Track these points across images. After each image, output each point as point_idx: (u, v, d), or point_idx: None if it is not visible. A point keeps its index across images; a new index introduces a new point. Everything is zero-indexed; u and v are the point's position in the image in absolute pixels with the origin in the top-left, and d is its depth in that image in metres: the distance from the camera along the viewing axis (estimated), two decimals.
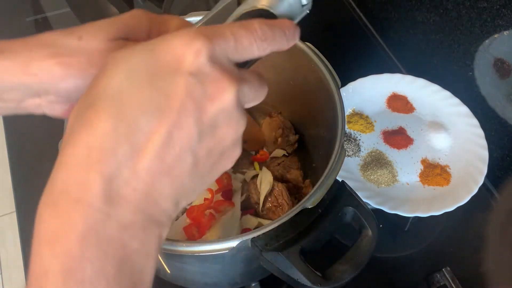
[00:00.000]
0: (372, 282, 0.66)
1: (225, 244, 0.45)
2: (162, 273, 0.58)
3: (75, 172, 0.22)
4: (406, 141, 0.74)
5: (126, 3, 0.95)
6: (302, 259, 0.46)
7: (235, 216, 0.65)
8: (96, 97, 0.23)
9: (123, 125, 0.22)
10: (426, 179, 0.70)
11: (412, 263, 0.68)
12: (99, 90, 0.23)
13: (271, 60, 0.67)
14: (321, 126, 0.64)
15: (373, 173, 0.70)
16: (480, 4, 0.70)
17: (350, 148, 0.74)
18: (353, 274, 0.48)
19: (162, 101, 0.23)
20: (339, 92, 0.57)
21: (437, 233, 0.71)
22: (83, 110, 0.23)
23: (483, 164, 0.69)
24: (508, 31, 0.68)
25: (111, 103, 0.22)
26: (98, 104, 0.23)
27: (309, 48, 0.61)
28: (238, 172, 0.71)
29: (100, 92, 0.23)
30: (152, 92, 0.23)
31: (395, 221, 0.70)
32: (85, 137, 0.22)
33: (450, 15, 0.77)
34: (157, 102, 0.23)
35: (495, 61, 0.72)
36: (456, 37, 0.78)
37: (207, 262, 0.52)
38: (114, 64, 0.23)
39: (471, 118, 0.75)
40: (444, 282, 0.64)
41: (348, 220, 0.51)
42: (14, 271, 1.50)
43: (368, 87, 0.79)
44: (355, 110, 0.78)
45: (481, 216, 0.72)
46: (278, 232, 0.47)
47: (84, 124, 0.23)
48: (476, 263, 0.55)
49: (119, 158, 0.22)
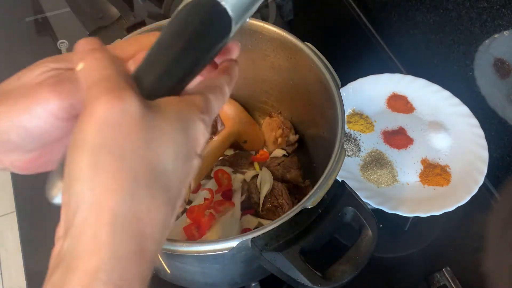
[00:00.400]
0: (372, 282, 0.66)
1: (225, 244, 0.45)
2: (162, 273, 0.58)
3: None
4: (406, 141, 0.74)
5: (126, 3, 0.95)
6: (302, 259, 0.46)
7: (235, 216, 0.65)
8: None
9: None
10: (426, 179, 0.70)
11: (412, 263, 0.68)
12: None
13: (271, 60, 0.68)
14: (321, 126, 0.64)
15: (373, 173, 0.70)
16: (480, 4, 0.70)
17: (350, 148, 0.74)
18: (353, 274, 0.48)
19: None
20: (339, 92, 0.57)
21: (437, 233, 0.71)
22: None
23: (483, 164, 0.69)
24: (508, 31, 0.68)
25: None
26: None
27: (309, 48, 0.61)
28: (238, 172, 0.71)
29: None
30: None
31: (395, 221, 0.70)
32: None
33: (450, 15, 0.77)
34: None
35: (495, 61, 0.72)
36: (456, 37, 0.78)
37: (207, 262, 0.52)
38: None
39: (471, 118, 0.75)
40: (444, 282, 0.64)
41: (348, 220, 0.51)
42: (14, 271, 1.50)
43: (368, 87, 0.79)
44: (355, 110, 0.78)
45: (481, 216, 0.72)
46: (278, 232, 0.47)
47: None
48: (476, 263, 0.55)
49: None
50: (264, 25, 0.64)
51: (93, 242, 0.22)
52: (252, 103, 0.77)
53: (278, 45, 0.65)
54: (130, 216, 0.23)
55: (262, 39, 0.65)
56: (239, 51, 0.33)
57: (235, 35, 0.30)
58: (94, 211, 0.22)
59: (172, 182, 0.25)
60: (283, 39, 0.63)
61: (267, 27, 0.64)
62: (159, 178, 0.24)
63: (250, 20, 0.65)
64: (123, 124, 0.23)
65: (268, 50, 0.66)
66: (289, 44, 0.63)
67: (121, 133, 0.23)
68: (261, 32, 0.65)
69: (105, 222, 0.22)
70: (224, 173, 0.70)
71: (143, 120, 0.24)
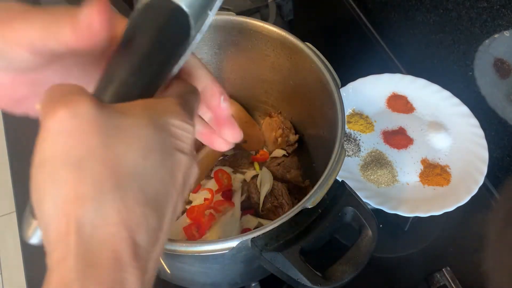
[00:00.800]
0: (372, 282, 0.66)
1: (225, 244, 0.45)
2: (162, 273, 0.58)
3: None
4: (406, 141, 0.74)
5: (126, 3, 0.95)
6: (302, 259, 0.46)
7: (235, 216, 0.65)
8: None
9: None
10: (426, 179, 0.70)
11: (412, 263, 0.68)
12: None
13: (271, 60, 0.68)
14: (321, 126, 0.64)
15: (373, 173, 0.70)
16: (480, 4, 0.70)
17: (350, 148, 0.74)
18: (353, 274, 0.48)
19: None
20: (339, 92, 0.57)
21: (437, 233, 0.71)
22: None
23: (483, 164, 0.69)
24: (508, 31, 0.68)
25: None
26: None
27: (309, 48, 0.61)
28: (238, 172, 0.71)
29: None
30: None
31: (395, 221, 0.70)
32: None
33: (450, 15, 0.77)
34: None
35: (495, 61, 0.72)
36: (456, 37, 0.78)
37: (207, 262, 0.52)
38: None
39: (471, 118, 0.75)
40: (444, 282, 0.64)
41: (348, 220, 0.51)
42: (14, 271, 1.50)
43: (368, 87, 0.79)
44: (355, 110, 0.78)
45: (481, 216, 0.72)
46: (278, 232, 0.47)
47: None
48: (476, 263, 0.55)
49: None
50: (264, 25, 0.64)
51: (63, 252, 0.21)
52: (252, 103, 0.77)
53: (278, 45, 0.65)
54: (99, 221, 0.22)
55: (262, 39, 0.65)
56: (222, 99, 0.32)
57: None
58: (62, 224, 0.22)
59: (149, 180, 0.23)
60: (283, 39, 0.63)
61: (267, 27, 0.64)
62: (128, 178, 0.22)
63: (250, 20, 0.65)
64: (76, 129, 0.22)
65: (268, 50, 0.66)
66: (289, 44, 0.63)
67: (75, 139, 0.22)
68: (261, 32, 0.65)
69: (72, 231, 0.21)
70: (224, 173, 0.70)
71: (98, 121, 0.22)
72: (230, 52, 0.70)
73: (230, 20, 0.65)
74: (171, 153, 0.25)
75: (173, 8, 0.26)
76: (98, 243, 0.22)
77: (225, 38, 0.67)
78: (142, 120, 0.24)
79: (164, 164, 0.24)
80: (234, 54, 0.70)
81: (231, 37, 0.67)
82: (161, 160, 0.24)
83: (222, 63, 0.72)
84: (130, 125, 0.23)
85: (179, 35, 0.27)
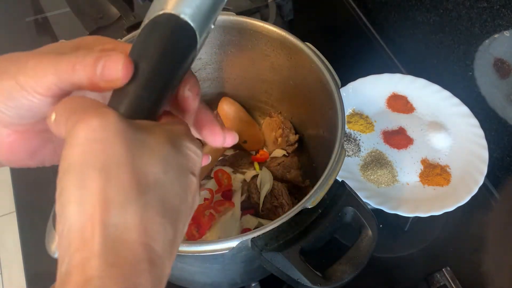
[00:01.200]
0: (372, 282, 0.66)
1: (225, 244, 0.45)
2: None
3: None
4: (406, 141, 0.74)
5: (126, 3, 0.95)
6: (302, 259, 0.46)
7: (235, 216, 0.65)
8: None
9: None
10: (426, 179, 0.70)
11: (412, 263, 0.68)
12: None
13: (271, 60, 0.68)
14: (321, 126, 0.64)
15: (373, 173, 0.70)
16: (480, 4, 0.70)
17: (350, 148, 0.74)
18: (353, 274, 0.48)
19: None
20: (339, 92, 0.57)
21: (437, 233, 0.71)
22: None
23: (483, 164, 0.69)
24: (508, 31, 0.68)
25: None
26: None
27: (309, 48, 0.61)
28: (238, 172, 0.71)
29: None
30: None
31: (395, 221, 0.70)
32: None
33: (450, 15, 0.77)
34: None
35: (495, 61, 0.72)
36: (456, 37, 0.78)
37: (207, 262, 0.52)
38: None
39: (471, 118, 0.75)
40: (444, 282, 0.64)
41: (348, 220, 0.51)
42: (14, 271, 1.50)
43: (368, 87, 0.79)
44: (355, 110, 0.78)
45: (481, 216, 0.72)
46: (278, 232, 0.47)
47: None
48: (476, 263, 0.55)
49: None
50: (264, 25, 0.64)
51: (87, 253, 0.22)
52: (252, 103, 0.77)
53: (278, 45, 0.65)
54: (122, 226, 0.22)
55: (262, 39, 0.65)
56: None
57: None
58: (87, 227, 0.22)
59: (168, 194, 0.24)
60: (283, 39, 0.63)
61: (267, 27, 0.64)
62: (150, 189, 0.24)
63: (250, 20, 0.65)
64: (105, 139, 0.23)
65: (268, 50, 0.66)
66: (289, 44, 0.63)
67: (104, 147, 0.23)
68: (261, 32, 0.65)
69: (97, 234, 0.22)
70: (224, 173, 0.70)
71: (126, 133, 0.24)
72: (230, 52, 0.70)
73: (230, 20, 0.65)
74: (185, 173, 0.26)
75: (181, 23, 0.27)
76: (121, 246, 0.22)
77: (225, 38, 0.67)
78: (162, 138, 0.25)
79: (180, 181, 0.25)
80: (234, 54, 0.70)
81: (231, 37, 0.67)
82: (178, 177, 0.25)
83: (222, 63, 0.72)
84: (152, 140, 0.25)
85: (186, 49, 0.28)
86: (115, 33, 0.89)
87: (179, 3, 0.27)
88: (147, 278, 0.23)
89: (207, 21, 0.28)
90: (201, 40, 0.28)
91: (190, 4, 0.27)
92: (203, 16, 0.28)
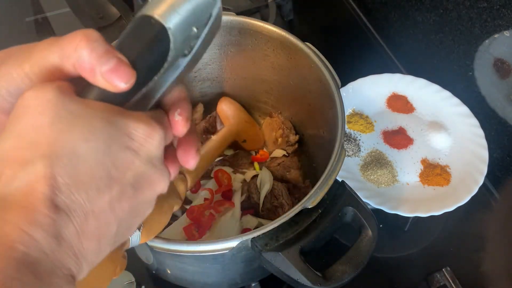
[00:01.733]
0: (372, 282, 0.66)
1: (225, 244, 0.45)
2: (162, 273, 0.58)
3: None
4: (406, 141, 0.74)
5: (126, 3, 0.95)
6: (302, 259, 0.46)
7: (235, 216, 0.65)
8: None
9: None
10: (426, 179, 0.70)
11: (412, 263, 0.68)
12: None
13: (271, 60, 0.68)
14: (321, 126, 0.64)
15: (373, 173, 0.70)
16: (480, 4, 0.70)
17: (350, 148, 0.74)
18: (353, 274, 0.48)
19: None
20: (339, 92, 0.57)
21: (437, 233, 0.71)
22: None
23: (483, 164, 0.69)
24: (508, 31, 0.68)
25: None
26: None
27: (309, 48, 0.61)
28: (238, 172, 0.71)
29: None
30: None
31: (395, 221, 0.70)
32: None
33: (450, 15, 0.77)
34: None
35: (495, 61, 0.72)
36: (456, 37, 0.78)
37: (207, 262, 0.52)
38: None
39: (471, 118, 0.75)
40: (444, 282, 0.64)
41: (348, 220, 0.51)
42: None
43: (368, 87, 0.79)
44: (355, 110, 0.78)
45: (481, 216, 0.72)
46: (278, 232, 0.47)
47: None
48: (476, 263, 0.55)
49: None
50: (264, 25, 0.64)
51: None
52: (252, 103, 0.77)
53: (278, 45, 0.65)
54: (26, 177, 0.25)
55: (262, 39, 0.65)
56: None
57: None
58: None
59: (82, 159, 0.26)
60: (283, 39, 0.63)
61: (267, 27, 0.64)
62: (60, 152, 0.25)
63: (250, 20, 0.65)
64: (33, 107, 0.26)
65: (268, 50, 0.66)
66: (289, 44, 0.63)
67: (29, 115, 0.26)
68: (261, 32, 0.65)
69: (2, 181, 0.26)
70: (224, 173, 0.70)
71: (56, 104, 0.26)
72: (230, 52, 0.70)
73: (230, 20, 0.65)
74: (120, 149, 0.27)
75: (153, 22, 0.28)
76: (18, 192, 0.25)
77: (225, 38, 0.67)
78: (99, 113, 0.27)
79: (108, 153, 0.27)
80: (234, 54, 0.70)
81: (231, 37, 0.67)
82: (105, 149, 0.26)
83: (222, 63, 0.72)
84: (85, 114, 0.26)
85: (157, 46, 0.29)
86: (115, 33, 0.89)
87: (167, 12, 0.28)
88: (45, 214, 0.25)
89: (185, 23, 0.29)
90: (178, 41, 0.29)
91: (163, 5, 0.28)
92: (178, 17, 0.28)
